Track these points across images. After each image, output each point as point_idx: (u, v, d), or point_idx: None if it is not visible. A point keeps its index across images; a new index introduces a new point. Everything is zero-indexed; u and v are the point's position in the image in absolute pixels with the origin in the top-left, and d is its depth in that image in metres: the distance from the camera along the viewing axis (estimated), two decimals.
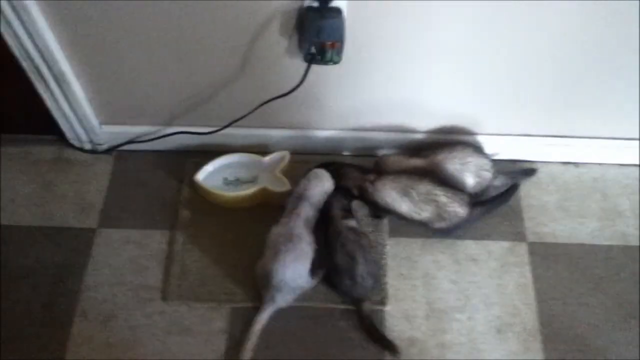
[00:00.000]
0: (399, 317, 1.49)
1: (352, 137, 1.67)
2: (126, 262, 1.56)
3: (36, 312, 1.48)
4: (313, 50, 1.28)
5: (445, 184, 1.52)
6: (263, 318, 1.43)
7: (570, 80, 1.47)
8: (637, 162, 1.74)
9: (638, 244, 1.61)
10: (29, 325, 1.46)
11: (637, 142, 1.66)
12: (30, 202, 1.65)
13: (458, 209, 1.51)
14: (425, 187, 1.51)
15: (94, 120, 1.62)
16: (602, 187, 1.70)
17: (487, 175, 1.57)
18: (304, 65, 1.33)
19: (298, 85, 1.37)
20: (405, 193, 1.51)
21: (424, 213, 1.52)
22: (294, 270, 1.39)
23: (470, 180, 1.56)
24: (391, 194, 1.53)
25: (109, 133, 1.67)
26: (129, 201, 1.65)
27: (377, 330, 1.45)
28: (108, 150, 1.72)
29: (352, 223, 1.51)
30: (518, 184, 1.65)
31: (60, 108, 1.55)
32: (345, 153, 1.73)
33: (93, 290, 1.51)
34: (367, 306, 1.47)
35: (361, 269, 1.44)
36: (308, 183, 1.50)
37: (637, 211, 1.66)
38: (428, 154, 1.60)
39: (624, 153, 1.70)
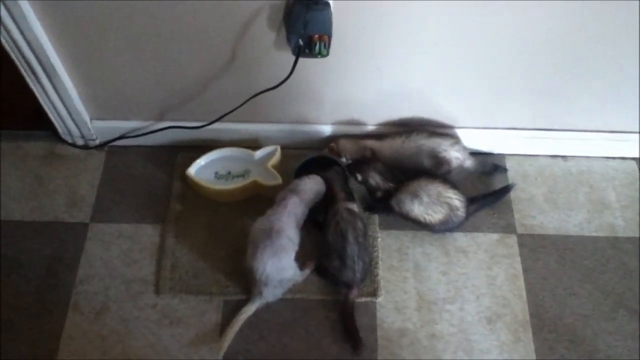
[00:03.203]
0: (390, 309, 1.50)
1: (343, 131, 1.68)
2: (118, 255, 1.56)
3: (29, 306, 1.49)
4: (301, 43, 1.28)
5: (454, 187, 1.54)
6: (250, 310, 1.44)
7: (557, 74, 1.48)
8: (624, 155, 1.76)
9: (625, 235, 1.62)
10: (22, 318, 1.47)
11: (624, 134, 1.68)
12: (22, 197, 1.65)
13: (464, 214, 1.54)
14: (436, 188, 1.51)
15: (85, 115, 1.63)
16: (589, 180, 1.72)
17: (447, 155, 1.57)
18: (293, 58, 1.33)
19: (286, 78, 1.37)
20: (415, 195, 1.52)
21: (437, 215, 1.53)
22: (274, 265, 1.39)
23: (426, 162, 1.58)
24: (402, 198, 1.54)
25: (101, 128, 1.68)
26: (121, 195, 1.66)
27: (353, 323, 1.46)
28: (100, 146, 1.73)
29: (351, 205, 1.52)
30: (511, 184, 1.67)
31: (51, 103, 1.56)
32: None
33: (86, 283, 1.52)
34: (352, 295, 1.48)
35: (351, 249, 1.44)
36: (301, 180, 1.51)
37: (624, 203, 1.68)
38: (383, 138, 1.62)
39: (611, 146, 1.72)
